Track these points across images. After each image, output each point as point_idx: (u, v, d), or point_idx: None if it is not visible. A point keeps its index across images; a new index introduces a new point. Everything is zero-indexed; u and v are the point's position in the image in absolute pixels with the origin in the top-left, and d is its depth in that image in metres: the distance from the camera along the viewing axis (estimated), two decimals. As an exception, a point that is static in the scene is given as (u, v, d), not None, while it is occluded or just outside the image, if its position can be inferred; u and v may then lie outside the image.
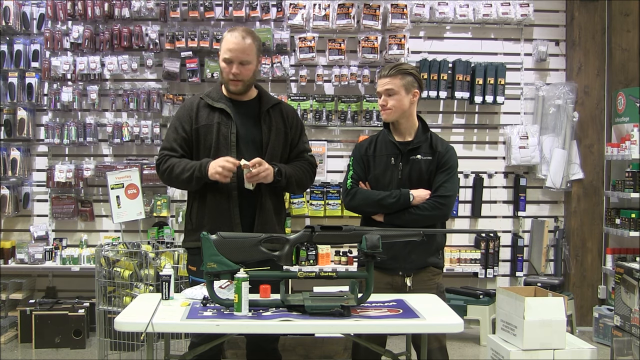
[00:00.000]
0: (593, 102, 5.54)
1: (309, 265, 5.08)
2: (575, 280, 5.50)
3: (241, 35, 2.89)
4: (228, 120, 2.94)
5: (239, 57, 2.88)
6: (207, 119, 2.94)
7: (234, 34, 2.89)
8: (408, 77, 3.00)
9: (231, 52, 2.88)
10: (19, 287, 5.20)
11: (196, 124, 2.95)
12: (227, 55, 2.89)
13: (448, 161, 3.01)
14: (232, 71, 2.89)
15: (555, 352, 3.02)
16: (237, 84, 2.94)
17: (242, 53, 2.88)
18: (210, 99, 2.98)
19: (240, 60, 2.89)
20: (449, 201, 2.97)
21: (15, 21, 5.22)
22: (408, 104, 3.01)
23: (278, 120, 3.03)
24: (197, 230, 2.83)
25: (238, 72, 2.89)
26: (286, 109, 3.10)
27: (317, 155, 5.26)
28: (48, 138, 5.24)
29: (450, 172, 3.01)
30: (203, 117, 2.95)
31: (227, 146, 2.92)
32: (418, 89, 3.04)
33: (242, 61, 2.89)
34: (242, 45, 2.88)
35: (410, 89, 3.01)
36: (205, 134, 2.94)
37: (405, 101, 3.00)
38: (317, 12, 5.22)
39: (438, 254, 3.07)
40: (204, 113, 2.96)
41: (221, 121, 2.93)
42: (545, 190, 5.55)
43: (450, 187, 2.99)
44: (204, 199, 2.95)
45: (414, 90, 3.02)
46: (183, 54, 5.21)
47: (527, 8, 5.38)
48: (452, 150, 3.06)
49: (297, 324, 2.34)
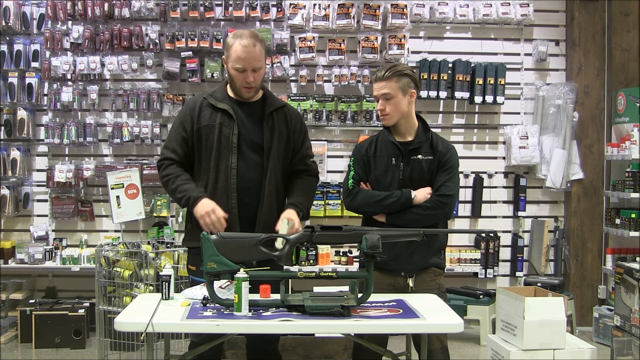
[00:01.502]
0: (593, 102, 5.54)
1: (309, 265, 5.08)
2: (575, 280, 5.51)
3: (251, 43, 2.84)
4: (230, 121, 2.92)
5: (251, 64, 2.85)
6: (209, 119, 2.93)
7: (243, 42, 2.84)
8: (404, 79, 2.98)
9: (244, 61, 2.84)
10: (19, 287, 5.20)
11: (197, 124, 2.94)
12: (240, 64, 2.84)
13: (449, 160, 3.01)
14: (246, 80, 2.88)
15: (555, 352, 3.02)
16: (250, 91, 2.94)
17: (255, 60, 2.86)
18: (214, 99, 2.97)
19: (252, 67, 2.86)
20: (450, 200, 2.96)
21: (15, 21, 5.22)
22: (406, 106, 3.00)
23: (281, 124, 3.00)
24: (198, 230, 2.83)
25: (253, 80, 2.89)
26: (290, 112, 3.08)
27: (317, 155, 5.27)
28: (48, 138, 5.24)
29: (452, 171, 3.00)
30: (205, 117, 2.94)
31: (228, 147, 2.91)
32: (415, 89, 3.02)
33: (255, 68, 2.87)
34: (254, 53, 2.85)
35: (407, 90, 2.99)
36: (207, 135, 2.93)
37: (403, 103, 2.99)
38: (317, 12, 5.22)
39: (440, 255, 3.07)
40: (207, 113, 2.95)
41: (223, 122, 2.92)
42: (545, 190, 5.55)
43: (452, 186, 2.98)
44: None
45: (411, 91, 3.00)
46: (183, 54, 5.21)
47: (527, 8, 5.38)
48: (453, 150, 3.06)
49: (297, 324, 2.34)
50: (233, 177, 2.89)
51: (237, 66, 2.86)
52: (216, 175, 2.92)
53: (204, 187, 2.94)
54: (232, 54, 2.86)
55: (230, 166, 2.90)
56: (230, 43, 2.88)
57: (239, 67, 2.85)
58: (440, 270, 3.07)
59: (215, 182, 2.91)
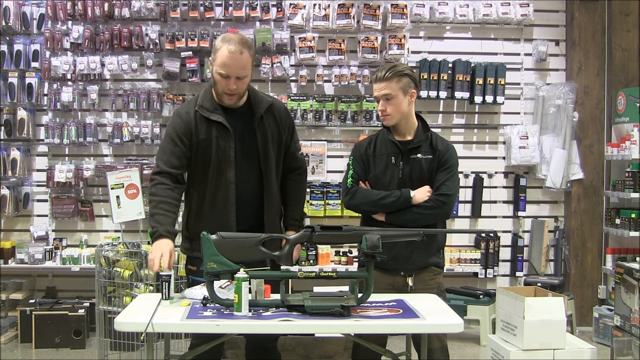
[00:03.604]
0: (593, 102, 5.54)
1: (309, 265, 5.09)
2: (575, 280, 5.51)
3: (238, 50, 2.74)
4: (226, 133, 2.86)
5: (236, 72, 2.76)
6: (206, 133, 2.86)
7: (230, 47, 2.74)
8: (404, 79, 2.97)
9: (229, 67, 2.75)
10: (19, 287, 5.20)
11: (196, 138, 2.86)
12: (224, 70, 2.76)
13: (449, 160, 3.01)
14: (229, 86, 2.78)
15: (555, 352, 3.02)
16: (232, 98, 2.85)
17: (240, 68, 2.76)
18: (205, 110, 2.87)
19: (237, 75, 2.77)
20: (450, 200, 2.96)
21: (15, 21, 5.22)
22: (407, 106, 3.00)
23: (272, 125, 2.96)
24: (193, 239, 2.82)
25: (235, 87, 2.79)
26: (278, 109, 3.02)
27: (317, 155, 5.28)
28: (48, 138, 5.24)
29: (451, 170, 3.00)
30: (202, 130, 2.86)
31: (226, 161, 2.86)
32: (415, 89, 3.03)
33: (239, 76, 2.78)
34: (239, 60, 2.75)
35: (408, 90, 2.99)
36: (204, 148, 2.86)
37: (404, 104, 2.99)
38: (317, 12, 5.22)
39: (439, 254, 3.07)
40: (202, 126, 2.86)
41: (219, 135, 2.86)
42: (545, 190, 5.55)
43: (452, 186, 2.98)
44: (200, 208, 2.91)
45: (411, 91, 3.00)
46: (183, 54, 5.21)
47: (527, 8, 5.38)
48: (452, 149, 3.06)
49: (297, 324, 2.35)
50: (232, 192, 2.86)
51: (221, 71, 2.76)
52: (215, 189, 2.88)
53: (201, 200, 2.90)
54: (218, 58, 2.77)
55: (229, 180, 2.87)
56: (218, 47, 2.78)
57: (223, 72, 2.76)
58: (440, 270, 3.07)
59: (213, 197, 2.87)
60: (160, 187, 2.82)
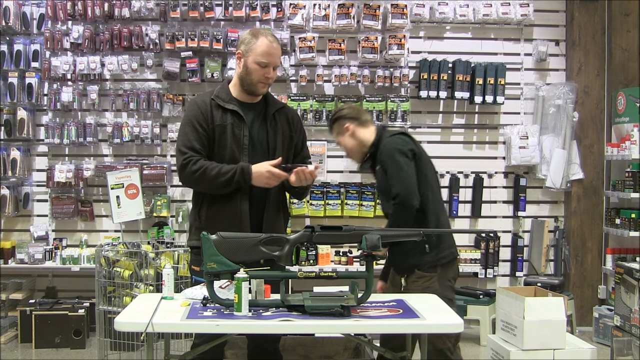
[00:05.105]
0: (593, 102, 5.54)
1: (309, 265, 5.09)
2: (575, 280, 5.50)
3: (276, 41, 2.97)
4: (240, 122, 2.95)
5: (275, 61, 2.95)
6: (221, 119, 2.95)
7: (269, 38, 2.94)
8: (335, 124, 3.21)
9: (271, 56, 2.92)
10: (19, 287, 5.20)
11: (212, 124, 2.95)
12: (265, 59, 2.90)
13: (383, 159, 3.03)
14: (268, 75, 2.94)
15: (555, 352, 3.02)
16: (266, 87, 3.01)
17: (277, 58, 2.98)
18: (221, 100, 2.98)
19: (274, 64, 2.96)
20: (402, 199, 2.91)
21: (15, 21, 5.22)
22: (352, 141, 3.16)
23: (284, 124, 3.05)
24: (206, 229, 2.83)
25: (272, 77, 2.97)
26: (291, 113, 3.14)
27: (317, 155, 5.28)
28: (48, 138, 5.24)
29: (391, 167, 2.97)
30: (217, 117, 2.95)
31: (239, 148, 2.93)
32: (348, 121, 3.16)
33: (275, 66, 2.97)
34: (277, 50, 2.96)
35: (343, 131, 3.18)
36: (220, 134, 2.94)
37: (349, 142, 3.17)
38: (317, 12, 5.22)
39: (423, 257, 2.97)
40: (218, 113, 2.96)
41: (234, 122, 2.94)
42: (545, 190, 5.55)
43: (396, 183, 2.94)
44: (213, 199, 2.94)
45: (345, 127, 3.16)
46: (183, 54, 5.21)
47: (527, 8, 5.38)
48: (386, 145, 3.04)
49: (297, 324, 2.35)
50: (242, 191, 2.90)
51: (262, 60, 2.90)
52: None
53: None
54: (257, 48, 2.91)
55: None
56: (252, 39, 2.94)
57: (264, 61, 2.91)
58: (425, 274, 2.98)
59: None
60: (200, 161, 2.89)
